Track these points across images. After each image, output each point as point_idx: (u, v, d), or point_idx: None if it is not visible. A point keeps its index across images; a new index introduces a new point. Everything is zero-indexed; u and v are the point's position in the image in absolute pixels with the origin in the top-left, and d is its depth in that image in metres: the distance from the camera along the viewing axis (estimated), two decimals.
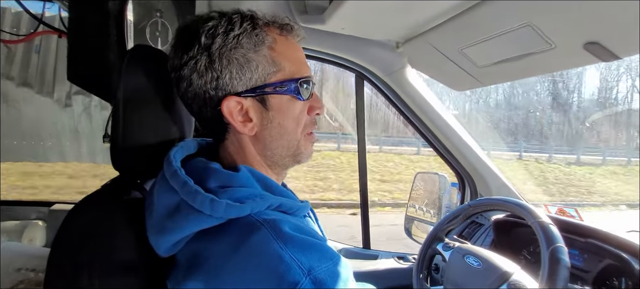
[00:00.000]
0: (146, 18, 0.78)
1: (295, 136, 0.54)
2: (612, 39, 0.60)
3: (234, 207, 0.43)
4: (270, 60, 0.51)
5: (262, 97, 0.51)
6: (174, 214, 0.45)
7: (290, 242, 0.41)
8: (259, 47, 0.50)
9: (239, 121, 0.51)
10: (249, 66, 0.49)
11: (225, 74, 0.49)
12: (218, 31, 0.49)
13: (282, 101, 0.52)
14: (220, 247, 0.43)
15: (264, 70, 0.50)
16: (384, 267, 1.30)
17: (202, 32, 0.49)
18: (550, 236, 0.74)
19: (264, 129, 0.52)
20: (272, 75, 0.51)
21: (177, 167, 0.47)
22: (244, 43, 0.49)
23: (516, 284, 0.75)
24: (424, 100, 1.23)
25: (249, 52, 0.49)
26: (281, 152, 0.54)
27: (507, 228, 1.04)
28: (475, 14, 0.72)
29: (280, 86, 0.51)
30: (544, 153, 11.48)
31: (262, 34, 0.50)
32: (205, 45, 0.48)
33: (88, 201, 0.52)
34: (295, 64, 0.53)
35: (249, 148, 0.53)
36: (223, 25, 0.49)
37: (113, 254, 0.48)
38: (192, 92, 0.51)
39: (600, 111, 4.53)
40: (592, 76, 8.05)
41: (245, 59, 0.49)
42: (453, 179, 1.45)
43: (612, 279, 0.79)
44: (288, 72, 0.52)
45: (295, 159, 0.56)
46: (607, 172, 10.44)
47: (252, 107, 0.51)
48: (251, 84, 0.50)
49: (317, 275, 0.40)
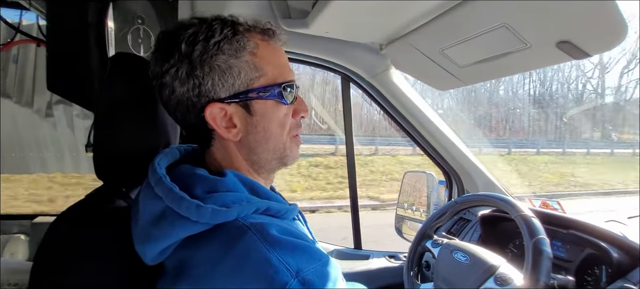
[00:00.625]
0: (128, 25, 0.77)
1: (281, 140, 0.54)
2: (581, 37, 0.63)
3: (220, 212, 0.43)
4: (252, 66, 0.50)
5: (245, 103, 0.51)
6: (160, 222, 0.44)
7: (278, 245, 0.42)
8: (241, 53, 0.50)
9: (222, 127, 0.51)
10: (231, 72, 0.49)
11: (207, 81, 0.49)
12: (198, 38, 0.48)
13: (266, 106, 0.52)
14: (207, 253, 0.43)
15: (246, 76, 0.50)
16: (375, 267, 1.31)
17: (183, 40, 0.48)
18: (532, 228, 0.76)
19: (248, 134, 0.52)
20: (255, 80, 0.51)
21: (162, 174, 0.47)
22: (225, 49, 0.49)
23: (502, 276, 0.77)
24: (409, 100, 1.25)
25: (231, 59, 0.49)
26: (267, 156, 0.54)
27: (494, 223, 1.06)
28: (454, 16, 0.74)
29: (264, 91, 0.51)
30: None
31: (243, 40, 0.50)
32: (185, 53, 0.48)
33: (70, 213, 0.51)
34: (278, 69, 0.53)
35: (234, 153, 0.53)
36: (203, 32, 0.49)
37: (97, 265, 0.48)
38: (175, 100, 0.50)
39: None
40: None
41: (227, 66, 0.49)
42: (441, 177, 1.48)
43: (593, 268, 0.82)
44: (271, 76, 0.52)
45: (282, 162, 0.56)
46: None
47: (235, 113, 0.51)
48: (234, 90, 0.50)
49: (305, 276, 0.40)
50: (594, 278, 0.81)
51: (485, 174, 1.35)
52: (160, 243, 0.44)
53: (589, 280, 0.82)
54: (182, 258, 0.45)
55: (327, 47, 1.14)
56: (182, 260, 0.44)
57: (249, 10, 0.97)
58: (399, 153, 9.25)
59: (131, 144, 0.55)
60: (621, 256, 0.75)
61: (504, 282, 0.76)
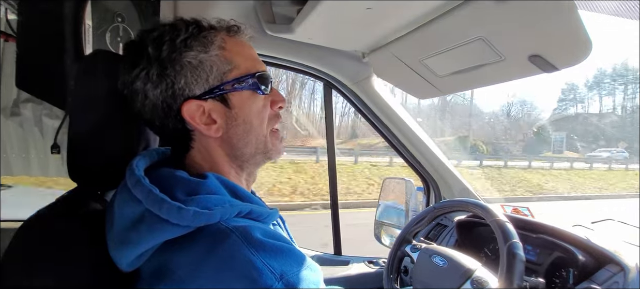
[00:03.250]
0: (106, 23, 0.74)
1: (262, 132, 0.55)
2: (551, 52, 0.67)
3: (202, 214, 0.42)
4: (223, 59, 0.51)
5: (222, 97, 0.51)
6: (138, 225, 0.43)
7: (262, 248, 0.41)
8: (209, 47, 0.50)
9: (202, 124, 0.50)
10: (203, 67, 0.49)
11: (180, 79, 0.48)
12: (164, 39, 0.48)
13: (243, 96, 0.52)
14: (190, 256, 0.42)
15: (218, 69, 0.51)
16: (355, 272, 1.32)
17: (148, 43, 0.48)
18: (507, 233, 0.79)
19: (229, 128, 0.52)
20: (228, 73, 0.51)
21: (141, 176, 0.45)
22: (193, 45, 0.49)
23: (478, 279, 0.80)
24: (389, 108, 1.28)
25: (200, 54, 0.49)
26: (250, 150, 0.54)
27: (469, 228, 1.10)
28: (434, 28, 0.77)
29: (238, 82, 0.52)
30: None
31: (210, 35, 0.51)
32: (154, 55, 0.48)
33: (39, 217, 0.48)
34: (249, 60, 0.53)
35: (216, 152, 0.53)
36: (168, 33, 0.49)
37: (67, 272, 0.45)
38: (150, 105, 0.50)
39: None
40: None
41: (198, 61, 0.49)
42: (419, 183, 1.52)
43: (561, 270, 0.86)
44: (243, 68, 0.52)
45: (266, 156, 0.56)
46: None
47: (213, 108, 0.51)
48: (208, 86, 0.50)
49: (289, 279, 0.40)
50: (562, 280, 0.85)
51: (461, 181, 1.39)
52: (138, 248, 0.43)
53: (557, 282, 0.86)
54: (161, 262, 0.43)
55: (310, 53, 1.16)
56: (161, 264, 0.43)
57: (233, 13, 0.97)
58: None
59: (107, 145, 0.53)
60: (586, 259, 0.79)
61: (480, 285, 0.78)
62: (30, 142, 1.08)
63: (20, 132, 1.05)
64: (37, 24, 0.70)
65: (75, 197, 0.53)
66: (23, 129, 1.04)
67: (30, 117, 1.01)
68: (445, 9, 0.72)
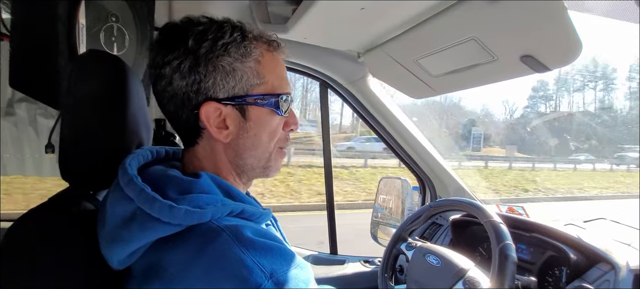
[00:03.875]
0: (101, 22, 0.74)
1: (268, 149, 0.55)
2: (542, 52, 0.68)
3: (194, 213, 0.42)
4: (255, 73, 0.51)
5: (242, 107, 0.51)
6: (130, 223, 0.43)
7: (252, 246, 0.42)
8: (246, 58, 0.51)
9: (214, 126, 0.51)
10: (234, 75, 0.50)
11: (209, 79, 0.49)
12: (207, 36, 0.49)
13: (262, 113, 0.53)
14: (180, 254, 0.42)
15: (248, 81, 0.51)
16: (351, 272, 1.32)
17: (191, 35, 0.49)
18: (500, 234, 0.80)
19: (239, 138, 0.53)
20: (255, 87, 0.52)
21: (133, 174, 0.46)
22: (232, 52, 0.49)
23: (471, 280, 0.80)
24: (385, 107, 1.28)
25: (236, 62, 0.50)
26: (252, 163, 0.55)
27: (464, 227, 1.10)
28: (428, 28, 0.78)
29: (262, 98, 0.52)
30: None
31: (250, 46, 0.51)
32: (191, 48, 0.48)
33: (30, 216, 0.48)
34: (278, 80, 0.54)
35: (220, 155, 0.53)
36: (213, 32, 0.49)
37: (59, 271, 0.45)
38: (171, 92, 0.50)
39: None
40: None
41: (232, 68, 0.50)
42: (415, 183, 1.52)
43: (554, 269, 0.87)
44: (270, 86, 0.53)
45: (265, 172, 0.57)
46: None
47: (230, 115, 0.51)
48: (233, 93, 0.50)
49: (279, 277, 0.40)
50: (555, 279, 0.86)
51: (456, 180, 1.40)
52: (130, 246, 0.43)
53: (550, 280, 0.87)
54: (152, 260, 0.43)
55: (306, 53, 1.16)
56: (153, 262, 0.43)
57: (228, 12, 0.97)
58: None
59: (100, 145, 0.53)
60: (578, 257, 0.80)
61: (472, 285, 0.79)
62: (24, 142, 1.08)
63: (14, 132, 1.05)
64: (31, 23, 0.69)
65: (67, 197, 0.53)
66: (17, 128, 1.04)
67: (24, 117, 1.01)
68: (438, 9, 0.73)
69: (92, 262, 0.46)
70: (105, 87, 0.53)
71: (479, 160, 12.92)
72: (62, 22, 0.66)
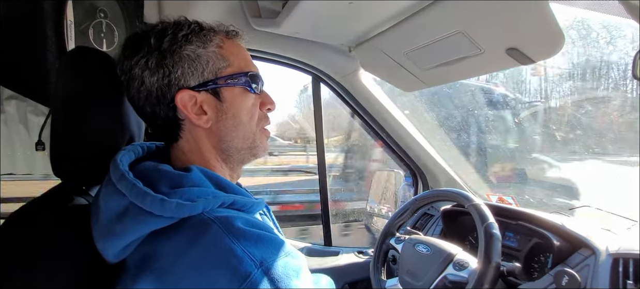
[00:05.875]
0: (89, 19, 0.74)
1: (251, 128, 0.57)
2: (527, 45, 0.70)
3: (185, 206, 0.43)
4: (219, 56, 0.53)
5: (215, 90, 0.53)
6: (123, 218, 0.44)
7: (242, 236, 0.43)
8: (208, 44, 0.53)
9: (193, 113, 0.52)
10: (200, 61, 0.52)
11: (177, 69, 0.51)
12: (167, 32, 0.51)
13: (235, 92, 0.55)
14: (172, 246, 0.43)
15: (214, 65, 0.53)
16: (344, 262, 1.35)
17: (152, 34, 0.51)
18: (482, 215, 0.84)
19: (219, 121, 0.54)
20: (222, 69, 0.54)
21: (125, 170, 0.46)
22: (193, 40, 0.52)
23: (460, 262, 0.84)
24: (377, 101, 1.30)
25: (198, 49, 0.52)
26: (237, 145, 0.56)
27: (454, 217, 1.13)
28: (416, 22, 0.79)
29: (232, 78, 0.54)
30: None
31: (210, 35, 0.54)
32: (155, 45, 0.50)
33: (22, 213, 0.49)
34: (243, 61, 0.56)
35: (204, 143, 0.54)
36: (171, 28, 0.52)
37: (54, 266, 0.46)
38: (145, 92, 0.51)
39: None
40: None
41: (196, 55, 0.52)
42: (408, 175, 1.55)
43: (539, 255, 0.90)
44: (237, 66, 0.55)
45: (252, 152, 0.58)
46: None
47: (206, 100, 0.53)
48: (203, 78, 0.52)
49: (269, 266, 0.41)
50: (540, 264, 0.89)
51: (447, 171, 1.42)
52: (123, 239, 0.44)
53: (535, 266, 0.90)
54: (145, 252, 0.44)
55: (298, 47, 1.16)
56: (146, 255, 0.44)
57: (219, 9, 0.97)
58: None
59: (91, 141, 0.54)
60: (561, 243, 0.83)
61: (461, 267, 0.82)
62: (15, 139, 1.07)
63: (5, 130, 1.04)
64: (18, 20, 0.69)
65: (60, 193, 0.54)
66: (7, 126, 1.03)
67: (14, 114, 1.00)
68: (425, 3, 0.74)
69: (85, 256, 0.47)
70: (94, 83, 0.54)
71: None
72: (50, 18, 0.66)
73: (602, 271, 0.72)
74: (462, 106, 2.09)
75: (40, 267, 0.45)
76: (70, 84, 0.53)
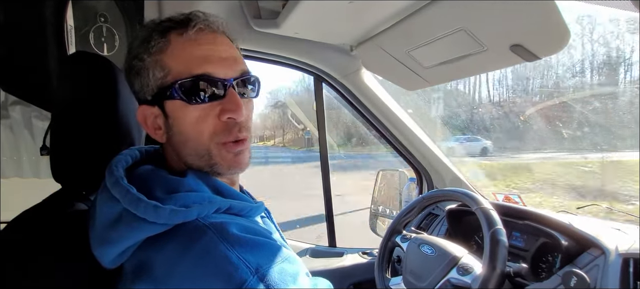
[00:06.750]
0: (89, 23, 0.74)
1: (201, 144, 0.49)
2: (531, 41, 0.68)
3: (179, 212, 0.42)
4: (159, 66, 0.48)
5: (161, 104, 0.49)
6: (117, 224, 0.43)
7: (237, 243, 0.42)
8: (149, 54, 0.48)
9: (152, 128, 0.51)
10: (142, 74, 0.49)
11: (134, 84, 0.51)
12: (132, 45, 0.51)
13: (175, 106, 0.48)
14: (166, 254, 0.42)
15: (154, 76, 0.48)
16: (349, 263, 1.34)
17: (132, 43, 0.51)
18: (490, 220, 0.81)
19: (171, 136, 0.50)
20: (160, 80, 0.48)
21: (119, 176, 0.46)
22: (139, 52, 0.49)
23: (464, 266, 0.82)
24: (380, 100, 1.28)
25: (141, 61, 0.49)
26: (193, 161, 0.50)
27: (459, 217, 1.11)
28: (417, 19, 0.78)
29: (169, 89, 0.47)
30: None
31: (154, 40, 0.48)
32: (127, 57, 0.51)
33: (23, 219, 0.49)
34: (184, 63, 0.47)
35: (169, 154, 0.54)
36: (135, 39, 0.51)
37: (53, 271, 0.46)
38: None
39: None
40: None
41: (139, 67, 0.49)
42: (412, 174, 1.53)
43: (547, 256, 0.88)
44: (176, 73, 0.47)
45: (213, 169, 0.50)
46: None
47: (157, 114, 0.50)
48: (150, 92, 0.50)
49: (264, 272, 0.40)
50: (548, 265, 0.87)
51: (452, 170, 1.41)
52: (118, 246, 0.43)
53: (543, 267, 0.88)
54: (141, 259, 0.44)
55: (299, 47, 1.16)
56: (142, 262, 0.44)
57: (218, 10, 0.97)
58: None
59: (91, 145, 0.54)
60: (570, 243, 0.81)
61: (465, 271, 0.81)
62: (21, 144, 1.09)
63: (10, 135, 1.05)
64: (20, 26, 0.70)
65: (60, 198, 0.54)
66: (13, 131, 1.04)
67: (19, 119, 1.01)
68: (426, 1, 0.73)
69: (84, 262, 0.47)
70: (94, 88, 0.54)
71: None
72: (50, 24, 0.66)
73: (611, 271, 0.70)
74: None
75: (41, 273, 0.45)
76: (69, 90, 0.53)
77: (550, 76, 5.40)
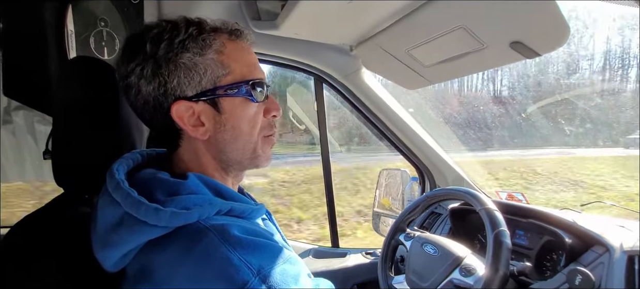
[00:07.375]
0: (90, 28, 0.75)
1: (251, 139, 0.54)
2: (531, 38, 0.68)
3: (180, 214, 0.42)
4: (219, 63, 0.50)
5: (213, 101, 0.51)
6: (118, 228, 0.44)
7: (239, 244, 0.42)
8: (206, 50, 0.50)
9: (190, 125, 0.50)
10: (197, 70, 0.49)
11: (173, 79, 0.48)
12: (163, 37, 0.48)
13: (235, 103, 0.52)
14: (167, 256, 0.42)
15: (213, 73, 0.50)
16: (352, 264, 1.34)
17: (147, 40, 0.49)
18: (494, 221, 0.81)
19: (217, 133, 0.52)
20: (221, 78, 0.50)
21: (120, 179, 0.46)
22: (190, 47, 0.49)
23: (467, 267, 0.81)
24: (381, 100, 1.28)
25: (196, 56, 0.49)
26: (236, 156, 0.54)
27: (462, 215, 1.11)
28: (416, 18, 0.78)
29: (231, 88, 0.51)
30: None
31: (209, 38, 0.50)
32: (150, 52, 0.48)
33: (25, 223, 0.49)
34: (247, 67, 0.53)
35: (203, 153, 0.53)
36: (168, 32, 0.49)
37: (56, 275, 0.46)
38: (142, 100, 0.50)
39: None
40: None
41: (193, 63, 0.49)
42: (414, 173, 1.53)
43: (551, 254, 0.88)
44: (239, 74, 0.51)
45: (253, 163, 0.56)
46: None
47: (203, 111, 0.51)
48: (201, 88, 0.50)
49: (266, 274, 0.40)
50: (552, 263, 0.87)
51: (454, 169, 1.40)
52: (120, 249, 0.44)
53: (547, 265, 0.88)
54: (143, 262, 0.44)
55: (298, 48, 1.16)
56: (143, 264, 0.44)
57: (218, 11, 0.97)
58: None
59: (92, 150, 0.54)
60: (574, 241, 0.80)
61: (468, 272, 0.80)
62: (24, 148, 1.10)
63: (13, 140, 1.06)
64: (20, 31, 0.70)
65: (63, 202, 0.54)
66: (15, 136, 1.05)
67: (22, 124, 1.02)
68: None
69: (87, 266, 0.47)
70: (94, 93, 0.54)
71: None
72: (51, 28, 0.66)
73: (616, 269, 0.69)
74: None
75: (43, 276, 0.46)
76: (71, 94, 0.53)
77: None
